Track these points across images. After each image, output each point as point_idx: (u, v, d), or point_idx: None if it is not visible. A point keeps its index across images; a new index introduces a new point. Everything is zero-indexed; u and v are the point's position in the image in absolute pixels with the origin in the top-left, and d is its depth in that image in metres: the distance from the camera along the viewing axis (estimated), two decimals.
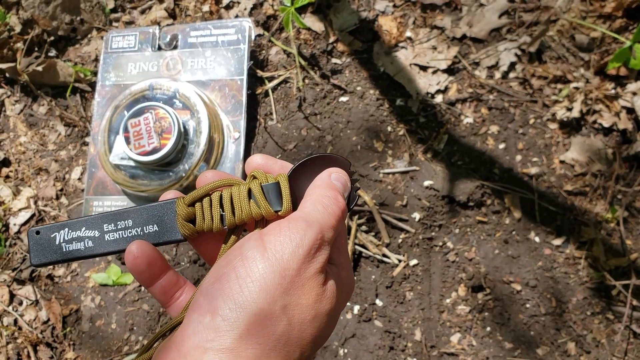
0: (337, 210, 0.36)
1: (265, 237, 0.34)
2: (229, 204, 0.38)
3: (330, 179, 0.39)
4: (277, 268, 0.32)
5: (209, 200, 0.39)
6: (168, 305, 0.40)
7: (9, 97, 1.18)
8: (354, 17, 1.05)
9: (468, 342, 0.88)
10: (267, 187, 0.39)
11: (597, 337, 0.85)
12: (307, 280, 0.33)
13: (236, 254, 0.34)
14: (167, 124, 0.92)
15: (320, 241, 0.34)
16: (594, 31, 0.96)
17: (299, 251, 0.33)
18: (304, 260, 0.33)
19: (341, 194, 0.38)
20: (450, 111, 0.98)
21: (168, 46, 1.07)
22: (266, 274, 0.32)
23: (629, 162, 0.90)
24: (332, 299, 0.35)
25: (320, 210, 0.36)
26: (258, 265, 0.32)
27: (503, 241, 0.91)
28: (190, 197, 0.39)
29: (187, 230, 0.39)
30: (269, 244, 0.33)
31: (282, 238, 0.33)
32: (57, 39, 1.18)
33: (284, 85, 1.04)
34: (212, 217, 0.38)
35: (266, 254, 0.33)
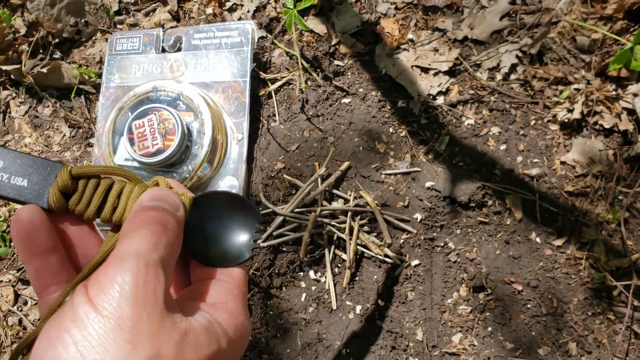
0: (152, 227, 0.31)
1: (91, 292, 0.28)
2: (115, 197, 0.34)
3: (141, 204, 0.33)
4: (113, 321, 0.27)
5: (96, 182, 0.35)
6: (40, 295, 0.35)
7: (14, 99, 1.19)
8: (356, 20, 1.06)
9: (469, 342, 0.88)
10: None
11: (599, 338, 0.86)
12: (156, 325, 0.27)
13: (67, 312, 0.28)
14: (170, 125, 0.93)
15: (145, 268, 0.29)
16: (595, 33, 0.96)
17: (126, 291, 0.27)
18: (136, 300, 0.27)
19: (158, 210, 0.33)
20: (451, 113, 0.99)
21: (172, 48, 1.07)
22: (105, 333, 0.26)
23: (630, 163, 0.91)
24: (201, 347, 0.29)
25: (131, 238, 0.30)
26: (93, 324, 0.27)
27: (504, 242, 0.91)
28: (78, 170, 0.34)
29: (56, 203, 0.34)
30: (96, 298, 0.28)
31: (103, 286, 0.28)
32: (62, 41, 1.19)
33: (287, 87, 1.05)
34: (90, 202, 0.34)
35: (98, 311, 0.27)
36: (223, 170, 0.99)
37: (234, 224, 0.37)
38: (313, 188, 0.95)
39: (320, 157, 0.99)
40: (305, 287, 0.94)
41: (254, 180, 1.00)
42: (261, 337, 0.92)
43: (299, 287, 0.95)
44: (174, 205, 0.34)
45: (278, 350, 0.91)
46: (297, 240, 0.94)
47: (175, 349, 0.27)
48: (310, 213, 0.93)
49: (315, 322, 0.92)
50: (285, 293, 0.95)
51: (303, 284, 0.95)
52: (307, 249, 0.92)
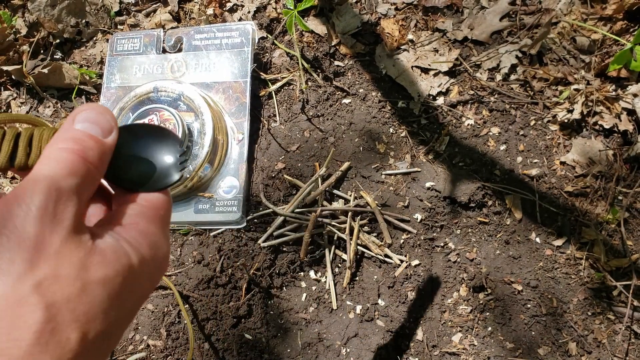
0: (72, 157, 0.29)
1: None
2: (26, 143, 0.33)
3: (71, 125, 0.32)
4: (12, 240, 0.25)
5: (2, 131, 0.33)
6: None
7: (15, 99, 1.19)
8: (356, 20, 1.06)
9: (469, 342, 0.89)
10: None
11: (598, 338, 0.86)
12: (59, 244, 0.26)
13: None
14: (171, 125, 0.93)
15: (56, 194, 0.27)
16: (595, 33, 0.96)
17: (32, 212, 0.26)
18: (41, 220, 0.26)
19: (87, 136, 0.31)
20: (451, 113, 0.99)
21: (172, 49, 1.08)
22: (2, 251, 0.25)
23: (630, 164, 0.91)
24: (108, 263, 0.28)
25: (48, 164, 0.29)
26: None
27: (504, 242, 0.92)
28: None
29: None
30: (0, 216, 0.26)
31: (9, 207, 0.26)
32: (63, 41, 1.19)
33: (287, 88, 1.05)
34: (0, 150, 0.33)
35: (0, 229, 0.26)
36: (224, 170, 0.99)
37: (155, 149, 0.36)
38: (313, 188, 0.95)
39: (320, 158, 1.00)
40: (306, 287, 0.95)
41: (255, 181, 1.00)
42: (262, 336, 0.92)
43: (299, 287, 0.95)
44: (107, 129, 0.32)
45: (278, 350, 0.92)
46: (297, 240, 0.94)
47: (77, 267, 0.27)
48: (310, 213, 0.93)
49: (316, 322, 0.92)
50: (286, 293, 0.95)
51: (303, 284, 0.95)
52: (307, 249, 0.93)
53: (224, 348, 0.92)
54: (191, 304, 0.95)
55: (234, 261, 0.95)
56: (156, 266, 0.32)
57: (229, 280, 0.94)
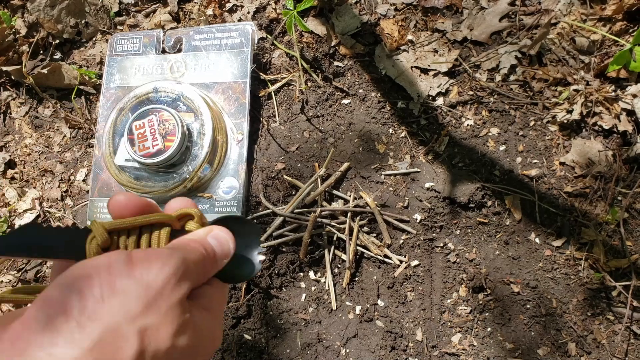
0: (201, 249, 0.37)
1: (135, 256, 0.33)
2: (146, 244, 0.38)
3: (205, 236, 0.39)
4: (141, 283, 0.31)
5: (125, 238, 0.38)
6: None
7: (14, 100, 1.19)
8: (356, 21, 1.06)
9: (469, 343, 0.89)
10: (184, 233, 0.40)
11: (598, 338, 0.86)
12: (170, 305, 0.32)
13: (103, 260, 0.32)
14: (171, 126, 0.93)
15: (185, 267, 0.34)
16: (594, 34, 0.97)
17: (165, 270, 0.32)
18: (168, 280, 0.32)
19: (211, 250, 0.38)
20: (451, 113, 0.99)
21: (172, 49, 1.08)
22: (129, 288, 0.31)
23: (629, 164, 0.91)
24: (192, 337, 0.33)
25: (182, 247, 0.36)
26: (123, 278, 0.31)
27: (504, 242, 0.92)
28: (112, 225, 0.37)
29: None
30: (137, 260, 0.32)
31: (149, 258, 0.33)
32: (62, 42, 1.19)
33: (287, 88, 1.05)
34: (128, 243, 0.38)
35: (133, 269, 0.32)
36: (223, 170, 0.99)
37: (245, 246, 0.42)
38: (313, 189, 0.95)
39: (320, 158, 1.00)
40: (305, 288, 0.95)
41: (254, 181, 1.00)
42: (261, 337, 0.92)
43: (298, 287, 0.95)
44: (225, 253, 0.40)
45: (278, 350, 0.92)
46: (297, 240, 0.94)
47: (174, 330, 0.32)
48: (310, 214, 0.93)
49: (315, 323, 0.92)
50: (285, 293, 0.95)
51: (303, 285, 0.95)
52: (307, 250, 0.93)
53: (223, 348, 0.92)
54: None
55: None
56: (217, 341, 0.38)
57: None
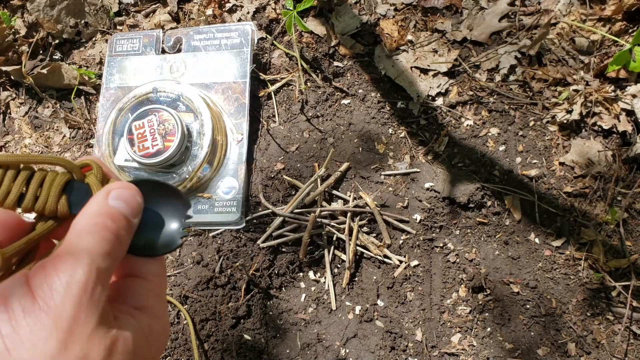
0: (108, 235, 0.31)
1: (32, 281, 0.27)
2: (37, 187, 0.33)
3: (105, 200, 0.32)
4: (49, 316, 0.26)
5: (14, 172, 0.33)
6: None
7: (14, 100, 1.19)
8: (355, 21, 1.06)
9: (469, 343, 0.89)
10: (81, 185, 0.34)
11: (598, 338, 0.86)
12: (91, 330, 0.27)
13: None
14: (170, 126, 0.93)
15: (96, 274, 0.28)
16: (594, 34, 0.97)
17: (72, 289, 0.27)
18: (79, 300, 0.27)
19: (120, 216, 0.32)
20: (450, 113, 0.99)
21: (172, 49, 1.08)
22: (38, 329, 0.26)
23: (629, 164, 0.91)
24: (129, 350, 0.29)
25: (86, 238, 0.30)
26: (27, 318, 0.26)
27: (503, 242, 0.92)
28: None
29: None
30: (37, 289, 0.27)
31: (50, 278, 0.27)
32: (62, 42, 1.19)
33: (287, 88, 1.05)
34: (9, 192, 0.33)
35: (36, 304, 0.26)
36: (223, 171, 0.99)
37: (163, 212, 0.37)
38: (312, 189, 0.95)
39: (319, 158, 1.00)
40: (305, 288, 0.95)
41: (254, 181, 1.00)
42: (261, 337, 0.92)
43: (298, 287, 0.95)
44: (135, 211, 0.34)
45: (277, 350, 0.92)
46: (296, 240, 0.94)
47: (104, 353, 0.27)
48: (309, 214, 0.93)
49: (315, 323, 0.92)
50: (285, 293, 0.95)
51: (302, 285, 0.95)
52: (306, 250, 0.93)
53: (223, 349, 0.92)
54: (190, 305, 0.94)
55: (233, 262, 0.95)
56: (161, 345, 0.34)
57: (228, 281, 0.94)
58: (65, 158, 0.35)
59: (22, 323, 0.26)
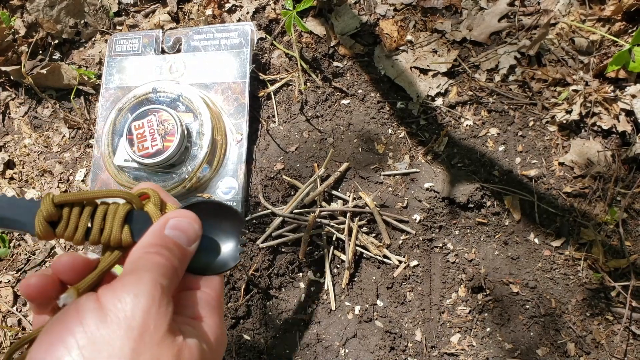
0: (164, 262, 0.33)
1: (103, 298, 0.30)
2: (101, 220, 0.36)
3: (162, 230, 0.35)
4: (120, 328, 0.28)
5: (79, 209, 0.36)
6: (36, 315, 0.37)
7: (13, 100, 1.19)
8: (355, 21, 1.06)
9: (468, 343, 0.89)
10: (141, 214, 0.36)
11: (597, 338, 0.86)
12: (159, 339, 0.29)
13: (73, 317, 0.29)
14: (170, 126, 0.93)
15: (161, 289, 0.31)
16: (594, 34, 0.97)
17: (140, 302, 0.29)
18: (148, 311, 0.29)
19: (175, 245, 0.35)
20: (450, 114, 0.99)
21: (171, 49, 1.08)
22: (111, 339, 0.28)
23: (628, 164, 0.91)
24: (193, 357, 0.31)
25: (144, 264, 0.33)
26: (101, 330, 0.28)
27: (503, 242, 0.92)
28: (60, 198, 0.35)
29: (42, 231, 0.35)
30: (108, 304, 0.29)
31: (118, 294, 0.29)
32: (62, 42, 1.19)
33: (286, 88, 1.05)
34: (77, 228, 0.35)
35: (108, 317, 0.28)
36: (222, 171, 0.99)
37: (219, 233, 0.39)
38: (312, 189, 0.95)
39: (319, 158, 1.00)
40: (305, 288, 0.95)
41: (253, 181, 1.00)
42: (260, 337, 0.92)
43: (298, 287, 0.95)
44: (192, 239, 0.36)
45: (277, 350, 0.92)
46: (296, 241, 0.94)
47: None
48: (309, 214, 0.93)
49: (314, 323, 0.92)
50: (285, 294, 0.95)
51: (302, 285, 0.95)
52: (306, 250, 0.93)
53: None
54: None
55: None
56: (219, 355, 0.36)
57: (227, 281, 0.94)
58: (123, 190, 0.38)
59: (96, 334, 0.28)
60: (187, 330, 0.33)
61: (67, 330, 0.28)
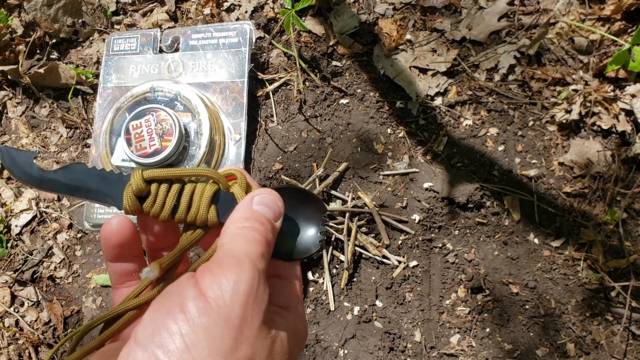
0: (259, 237, 0.33)
1: (202, 283, 0.29)
2: (189, 198, 0.36)
3: (250, 206, 0.35)
4: (222, 318, 0.28)
5: (167, 186, 0.36)
6: (115, 287, 0.38)
7: (11, 99, 1.19)
8: (354, 20, 1.06)
9: (468, 343, 0.88)
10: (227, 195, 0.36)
11: (597, 339, 0.86)
12: (257, 329, 0.29)
13: (175, 302, 0.29)
14: (168, 126, 0.93)
15: (258, 275, 0.30)
16: (593, 34, 0.96)
17: (240, 289, 0.29)
18: (246, 301, 0.29)
19: (265, 219, 0.34)
20: (449, 113, 0.99)
21: (169, 49, 1.07)
22: (212, 328, 0.28)
23: (628, 164, 0.91)
24: (284, 351, 0.31)
25: (241, 242, 0.32)
26: (202, 318, 0.28)
27: (502, 243, 0.91)
28: (150, 174, 0.35)
29: (130, 205, 0.35)
30: (208, 290, 0.29)
31: (218, 279, 0.29)
32: (59, 41, 1.19)
33: (285, 88, 1.05)
34: (164, 205, 0.35)
35: (208, 304, 0.28)
36: (220, 171, 0.99)
37: (301, 218, 0.39)
38: (311, 189, 0.95)
39: (318, 158, 0.99)
40: (303, 288, 0.94)
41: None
42: None
43: None
44: (277, 215, 0.35)
45: None
46: None
47: (267, 353, 0.29)
48: None
49: (313, 323, 0.92)
50: None
51: None
52: None
53: None
54: None
55: None
56: (304, 339, 0.36)
57: None
58: (212, 170, 0.37)
59: (197, 322, 0.27)
60: (278, 320, 0.33)
61: (170, 315, 0.28)
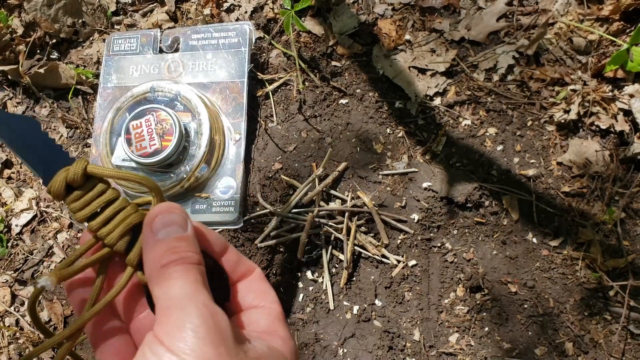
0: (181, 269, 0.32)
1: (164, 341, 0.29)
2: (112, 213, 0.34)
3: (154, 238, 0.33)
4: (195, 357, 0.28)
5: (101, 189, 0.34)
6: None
7: (11, 99, 1.19)
8: (353, 21, 1.06)
9: (466, 342, 0.89)
10: None
11: (595, 338, 0.86)
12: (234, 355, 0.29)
13: None
14: (168, 125, 0.93)
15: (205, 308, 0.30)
16: (592, 34, 0.97)
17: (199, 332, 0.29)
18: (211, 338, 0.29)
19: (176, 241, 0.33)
20: (448, 113, 0.99)
21: (169, 49, 1.07)
22: None
23: (626, 164, 0.91)
24: None
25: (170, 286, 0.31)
26: None
27: (501, 242, 0.92)
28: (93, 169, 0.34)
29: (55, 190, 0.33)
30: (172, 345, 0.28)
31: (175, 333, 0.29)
32: (59, 41, 1.19)
33: (284, 88, 1.05)
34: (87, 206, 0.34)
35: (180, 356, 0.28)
36: (221, 170, 0.99)
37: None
38: (310, 188, 0.95)
39: (317, 158, 0.99)
40: (303, 288, 0.95)
41: (252, 181, 1.00)
42: None
43: (296, 287, 0.95)
44: (183, 224, 0.34)
45: None
46: (294, 240, 0.94)
47: None
48: (307, 214, 0.93)
49: (313, 323, 0.92)
50: (283, 293, 0.95)
51: (300, 285, 0.95)
52: (304, 250, 0.93)
53: None
54: None
55: None
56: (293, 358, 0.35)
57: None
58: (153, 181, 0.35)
59: None
60: (260, 343, 0.32)
61: None
